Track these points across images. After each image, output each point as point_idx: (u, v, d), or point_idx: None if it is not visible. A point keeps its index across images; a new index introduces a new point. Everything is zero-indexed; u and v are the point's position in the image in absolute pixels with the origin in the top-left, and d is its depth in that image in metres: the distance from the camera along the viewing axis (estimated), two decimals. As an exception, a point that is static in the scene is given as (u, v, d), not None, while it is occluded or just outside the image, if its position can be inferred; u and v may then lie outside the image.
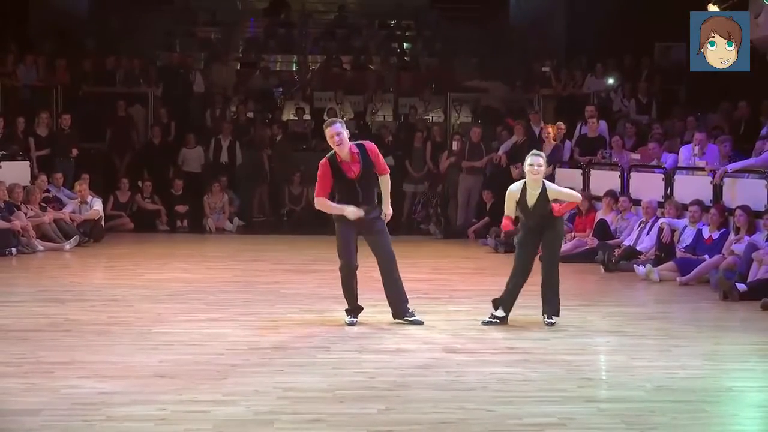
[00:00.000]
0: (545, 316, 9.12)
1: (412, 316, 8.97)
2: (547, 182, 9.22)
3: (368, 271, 9.16)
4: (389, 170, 9.15)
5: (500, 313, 9.06)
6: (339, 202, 8.90)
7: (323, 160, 8.94)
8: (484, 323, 9.04)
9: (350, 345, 8.13)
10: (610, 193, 14.36)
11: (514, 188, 9.20)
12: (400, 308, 8.99)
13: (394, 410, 6.37)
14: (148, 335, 8.45)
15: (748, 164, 12.93)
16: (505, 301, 9.10)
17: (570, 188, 14.81)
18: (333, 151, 8.80)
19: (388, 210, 9.05)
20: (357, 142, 9.00)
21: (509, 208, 9.24)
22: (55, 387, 6.77)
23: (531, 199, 9.00)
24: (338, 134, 8.66)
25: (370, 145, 8.98)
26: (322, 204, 8.94)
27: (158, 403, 6.42)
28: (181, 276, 11.88)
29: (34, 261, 13.36)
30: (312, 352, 7.91)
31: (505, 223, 9.32)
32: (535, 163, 8.97)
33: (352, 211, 8.68)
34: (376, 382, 7.08)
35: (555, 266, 9.17)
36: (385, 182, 9.03)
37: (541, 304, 9.14)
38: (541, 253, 9.23)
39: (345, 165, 8.76)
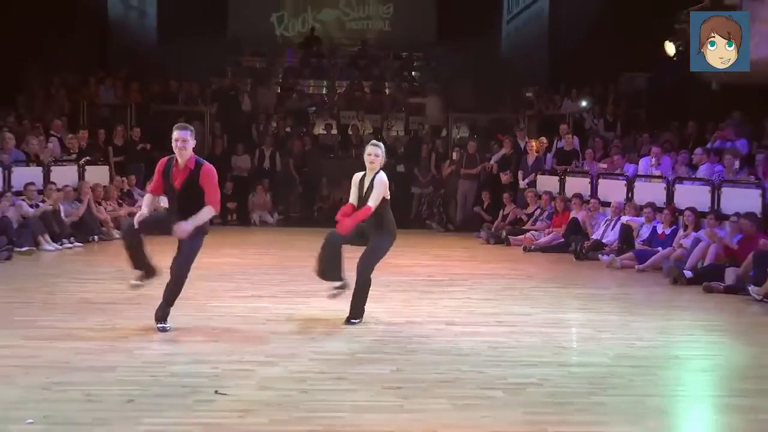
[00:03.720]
0: (351, 317, 7.95)
1: (162, 322, 7.44)
2: (381, 174, 7.79)
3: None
4: (219, 205, 7.58)
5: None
6: (168, 207, 7.71)
7: (162, 159, 7.59)
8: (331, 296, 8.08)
9: (368, 317, 8.13)
10: (578, 195, 14.42)
11: (357, 175, 8.00)
12: (161, 312, 7.48)
13: (403, 371, 6.43)
14: (204, 307, 8.52)
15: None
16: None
17: (547, 192, 15.08)
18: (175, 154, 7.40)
19: (182, 224, 7.32)
20: (201, 160, 7.47)
21: (352, 193, 8.02)
22: (129, 348, 6.85)
23: (365, 186, 7.84)
24: (183, 141, 7.30)
25: (208, 169, 7.39)
26: (145, 199, 7.80)
27: (212, 362, 6.49)
28: (231, 260, 11.95)
29: (111, 246, 13.41)
30: (337, 323, 7.95)
31: (342, 221, 7.75)
32: (372, 153, 7.79)
33: (136, 218, 7.55)
34: (389, 347, 7.14)
35: (367, 272, 7.89)
36: (206, 211, 7.37)
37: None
38: (363, 253, 7.93)
39: (175, 171, 7.38)
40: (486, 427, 5.25)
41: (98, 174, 15.23)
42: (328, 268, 8.09)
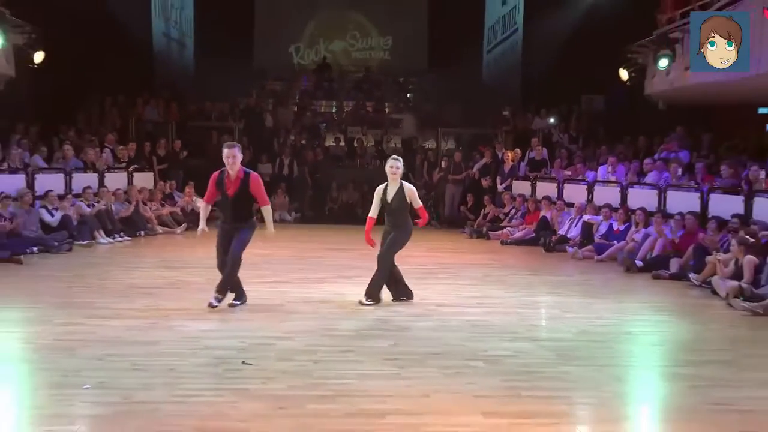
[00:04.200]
0: (365, 297, 7.92)
1: (217, 298, 7.58)
2: (405, 183, 7.99)
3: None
4: (270, 203, 7.81)
5: (370, 301, 7.96)
6: (220, 210, 7.80)
7: (215, 172, 7.63)
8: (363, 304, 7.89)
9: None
10: (547, 197, 14.40)
11: (380, 187, 7.98)
12: (220, 288, 7.64)
13: (400, 345, 6.44)
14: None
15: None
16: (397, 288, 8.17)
17: (520, 194, 15.11)
18: (226, 168, 7.50)
19: (270, 230, 7.83)
20: (248, 170, 7.60)
21: (375, 204, 7.97)
22: (170, 326, 6.87)
23: (390, 195, 7.89)
24: (233, 157, 7.37)
25: (255, 177, 7.58)
26: (202, 207, 7.84)
27: (239, 337, 6.51)
28: (256, 251, 11.73)
29: (156, 240, 13.45)
30: (345, 305, 7.97)
31: (367, 236, 7.88)
32: (393, 165, 7.86)
33: (199, 229, 7.71)
34: (388, 325, 7.15)
35: (387, 260, 7.93)
36: (265, 211, 7.73)
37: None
38: (381, 248, 7.97)
39: (228, 181, 7.47)
40: (469, 392, 5.25)
41: (144, 179, 15.21)
42: (397, 290, 8.18)
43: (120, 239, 12.99)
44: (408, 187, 7.98)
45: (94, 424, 4.60)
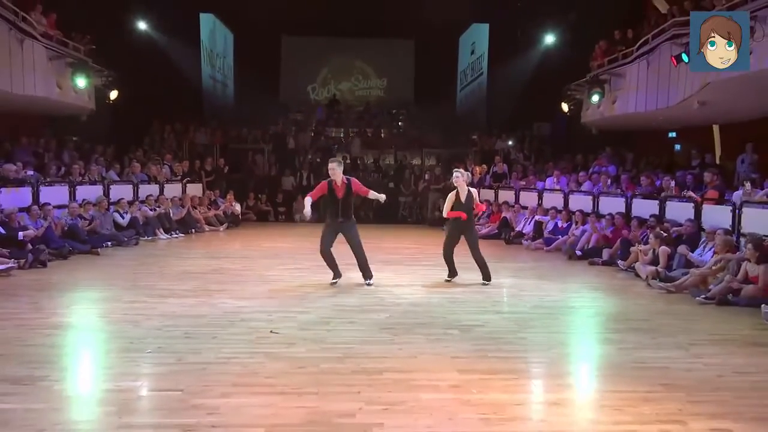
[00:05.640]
0: (484, 279, 8.20)
1: (369, 279, 7.91)
2: (471, 188, 8.28)
3: (376, 244, 9.00)
4: (368, 191, 7.76)
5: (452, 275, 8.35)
6: (325, 210, 7.77)
7: (324, 182, 7.74)
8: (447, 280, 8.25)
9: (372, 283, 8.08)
10: (506, 202, 14.31)
11: (452, 193, 8.22)
12: (366, 274, 7.94)
13: (393, 317, 6.36)
14: (262, 276, 8.46)
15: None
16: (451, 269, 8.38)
17: (486, 200, 15.04)
18: (331, 178, 7.68)
19: (380, 196, 7.78)
20: (348, 177, 7.73)
21: (449, 203, 8.18)
22: (214, 303, 6.79)
23: (462, 197, 8.12)
24: (333, 169, 7.59)
25: (354, 179, 7.76)
26: (306, 200, 7.73)
27: (268, 312, 6.43)
28: (281, 245, 11.88)
29: (203, 237, 13.36)
30: (351, 286, 7.89)
31: (462, 214, 8.14)
32: (456, 176, 8.19)
33: (306, 213, 7.62)
34: (384, 302, 7.07)
35: (478, 251, 8.24)
36: (371, 194, 7.77)
37: (474, 269, 8.50)
38: (469, 246, 8.22)
39: (336, 188, 7.64)
40: (448, 354, 5.18)
41: (195, 189, 15.14)
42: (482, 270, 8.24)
43: (176, 236, 12.90)
44: (473, 193, 8.22)
45: (153, 380, 4.52)
